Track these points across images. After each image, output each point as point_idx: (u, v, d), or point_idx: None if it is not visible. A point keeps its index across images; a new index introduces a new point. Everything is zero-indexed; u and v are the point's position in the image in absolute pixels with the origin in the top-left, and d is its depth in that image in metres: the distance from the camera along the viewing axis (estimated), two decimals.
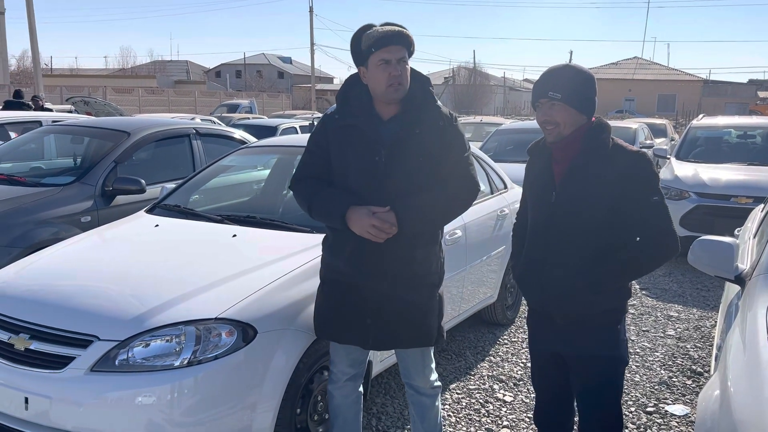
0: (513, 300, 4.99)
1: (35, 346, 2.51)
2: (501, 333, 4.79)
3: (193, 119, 12.47)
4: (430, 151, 2.40)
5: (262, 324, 2.54)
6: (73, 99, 17.51)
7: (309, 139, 2.58)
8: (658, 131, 15.45)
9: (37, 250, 3.60)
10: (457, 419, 3.48)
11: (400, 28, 2.38)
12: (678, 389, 3.91)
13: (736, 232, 4.18)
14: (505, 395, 3.77)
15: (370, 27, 2.39)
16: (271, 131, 11.22)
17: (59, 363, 2.44)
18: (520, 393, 3.80)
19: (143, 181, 4.69)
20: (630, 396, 3.78)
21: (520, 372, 4.10)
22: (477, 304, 4.37)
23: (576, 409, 2.55)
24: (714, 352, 2.93)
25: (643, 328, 4.98)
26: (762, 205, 4.31)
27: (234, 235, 3.21)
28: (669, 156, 8.47)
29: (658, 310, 5.46)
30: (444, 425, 3.37)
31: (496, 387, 3.88)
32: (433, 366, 2.66)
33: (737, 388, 1.85)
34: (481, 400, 3.70)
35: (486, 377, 4.02)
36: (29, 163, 5.87)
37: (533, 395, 3.43)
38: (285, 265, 2.85)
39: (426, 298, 2.50)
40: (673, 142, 14.57)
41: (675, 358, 4.40)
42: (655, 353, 4.47)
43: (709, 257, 2.77)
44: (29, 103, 12.67)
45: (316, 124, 2.61)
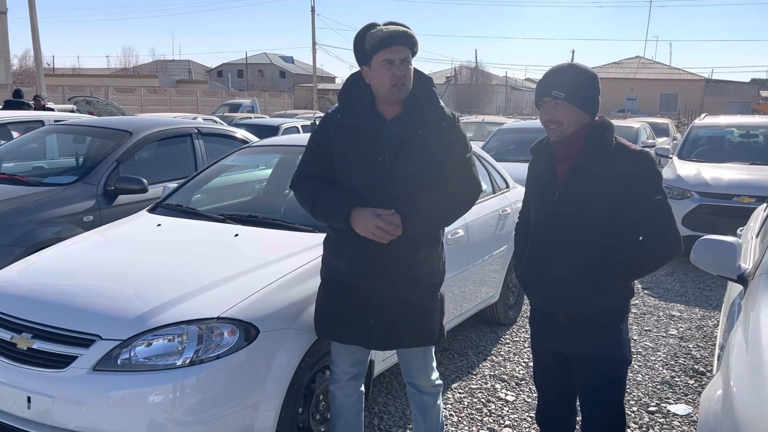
0: (515, 299, 4.99)
1: (38, 345, 2.52)
2: (503, 332, 4.79)
3: (195, 119, 12.47)
4: (433, 152, 2.40)
5: (265, 323, 2.54)
6: (75, 98, 17.53)
7: (310, 138, 2.57)
8: (660, 130, 15.43)
9: (40, 249, 3.61)
10: (459, 419, 3.48)
11: (404, 28, 2.37)
12: (680, 389, 3.90)
13: (738, 232, 4.18)
14: (507, 395, 3.77)
15: (373, 26, 2.39)
16: (272, 131, 11.24)
17: (62, 362, 2.44)
18: (522, 392, 3.80)
19: (145, 180, 4.69)
20: (632, 395, 3.78)
21: (522, 371, 4.10)
22: (479, 303, 4.37)
23: (578, 408, 2.55)
24: (716, 351, 2.92)
25: (646, 328, 4.97)
26: (764, 204, 4.30)
27: (236, 235, 3.21)
28: (671, 155, 8.46)
29: (661, 309, 5.46)
30: (446, 425, 3.37)
31: (498, 386, 3.88)
32: (434, 365, 2.66)
33: (740, 388, 1.84)
34: (483, 400, 3.70)
35: (488, 377, 4.02)
36: (31, 163, 5.88)
37: (535, 395, 3.43)
38: (287, 265, 2.85)
39: (428, 297, 2.50)
40: (675, 142, 14.54)
41: (677, 357, 4.39)
42: (658, 353, 4.46)
43: (711, 257, 2.76)
44: (29, 102, 12.68)
45: (317, 123, 2.61)
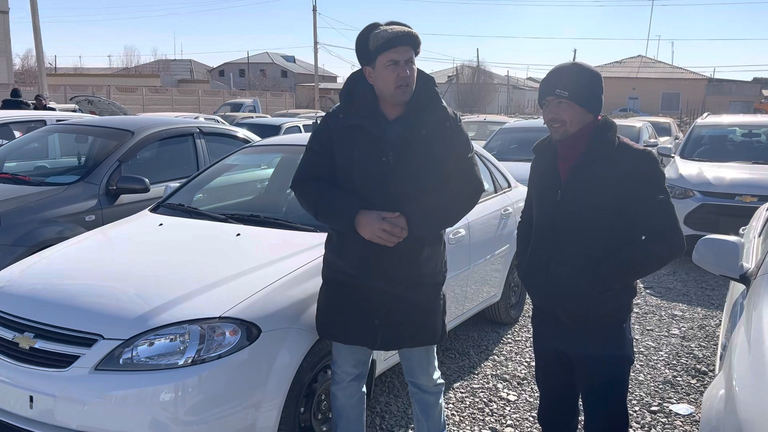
0: (517, 299, 4.99)
1: (40, 344, 2.52)
2: (505, 332, 4.78)
3: (196, 118, 12.49)
4: (436, 152, 2.40)
5: (266, 323, 2.54)
6: (77, 98, 17.58)
7: (310, 138, 2.56)
8: (662, 130, 15.40)
9: (42, 248, 3.61)
10: (461, 418, 3.48)
11: (408, 29, 2.37)
12: (682, 388, 3.89)
13: (741, 231, 4.17)
14: (508, 394, 3.77)
15: (376, 26, 2.37)
16: (274, 130, 11.24)
17: (64, 362, 2.44)
18: (524, 392, 3.80)
19: (147, 180, 4.70)
20: (634, 395, 3.77)
21: (524, 371, 4.09)
22: (481, 303, 4.37)
23: (580, 408, 2.54)
24: (719, 351, 2.92)
25: (648, 327, 4.96)
26: (767, 203, 4.29)
27: (238, 234, 3.21)
28: (673, 154, 8.44)
29: (663, 309, 5.45)
30: (448, 424, 3.37)
31: (499, 386, 3.88)
32: (436, 364, 2.66)
33: (742, 388, 1.84)
34: (485, 399, 3.70)
35: (490, 376, 4.02)
36: (34, 162, 5.89)
37: (537, 394, 3.43)
38: (289, 264, 2.85)
39: (431, 297, 2.50)
40: (677, 141, 14.52)
41: (679, 357, 4.39)
42: (660, 352, 4.46)
43: (713, 256, 2.76)
44: (27, 101, 12.70)
45: (318, 122, 2.60)
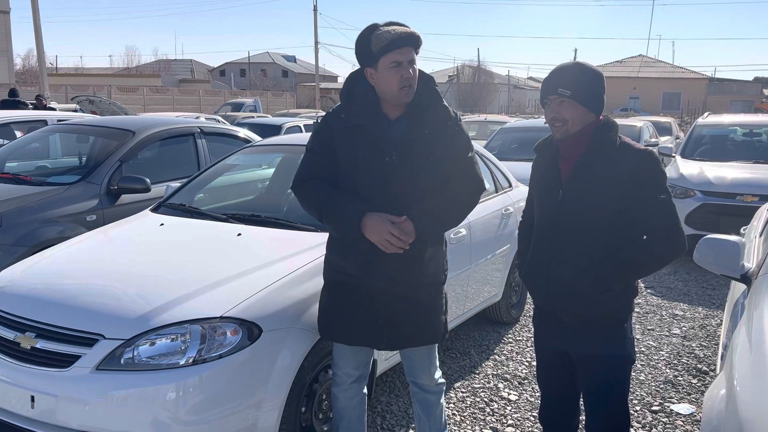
0: (518, 299, 4.99)
1: (41, 344, 2.52)
2: (506, 332, 4.78)
3: (197, 118, 12.49)
4: (438, 152, 2.40)
5: (267, 322, 2.54)
6: (78, 98, 17.58)
7: (310, 138, 2.55)
8: (663, 129, 15.38)
9: (43, 248, 3.61)
10: (462, 418, 3.48)
11: (410, 30, 2.36)
12: (683, 388, 3.89)
13: (741, 231, 4.16)
14: (509, 394, 3.77)
15: (377, 27, 2.37)
16: (275, 130, 11.25)
17: (65, 361, 2.45)
18: (524, 392, 3.80)
19: (148, 179, 4.70)
20: (635, 395, 3.77)
21: (524, 371, 4.09)
22: (482, 302, 4.37)
23: (581, 407, 2.54)
24: (720, 351, 2.92)
25: (649, 327, 4.96)
26: None
27: (239, 234, 3.21)
28: (674, 154, 8.44)
29: (664, 308, 5.45)
30: (449, 424, 3.37)
31: (500, 386, 3.88)
32: (437, 363, 2.66)
33: (743, 387, 1.84)
34: (485, 399, 3.70)
35: (491, 376, 4.02)
36: (35, 162, 5.89)
37: (538, 394, 3.43)
38: (290, 264, 2.85)
39: (434, 296, 2.51)
40: (678, 141, 14.51)
41: (680, 356, 4.39)
42: (661, 352, 4.46)
43: (714, 256, 2.76)
44: (25, 101, 12.70)
45: (319, 122, 2.60)
